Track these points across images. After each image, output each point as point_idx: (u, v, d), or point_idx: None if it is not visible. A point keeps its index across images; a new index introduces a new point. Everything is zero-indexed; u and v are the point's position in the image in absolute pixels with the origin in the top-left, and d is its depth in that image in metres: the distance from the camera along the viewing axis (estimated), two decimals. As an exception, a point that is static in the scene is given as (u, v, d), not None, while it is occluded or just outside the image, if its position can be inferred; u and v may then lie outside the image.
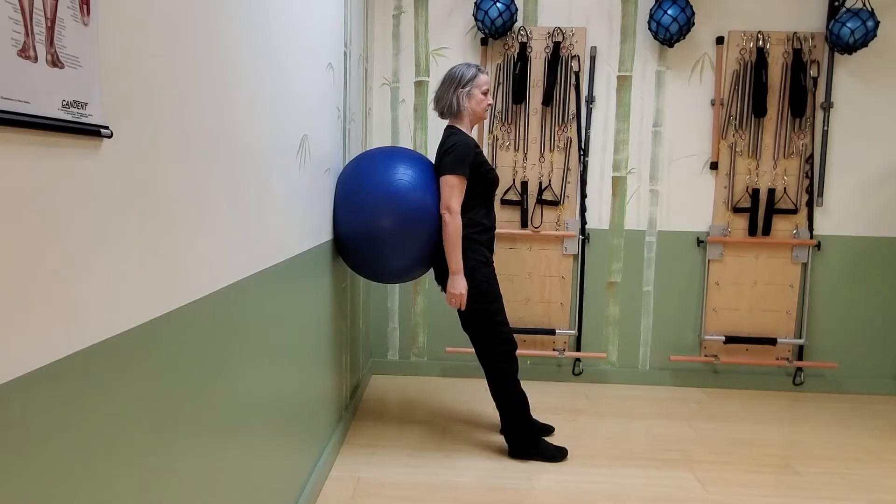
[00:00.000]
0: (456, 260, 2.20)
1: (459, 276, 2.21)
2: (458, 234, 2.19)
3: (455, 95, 2.31)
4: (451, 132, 2.30)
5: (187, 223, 1.07)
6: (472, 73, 2.30)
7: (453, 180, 2.20)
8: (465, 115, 2.32)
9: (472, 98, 2.30)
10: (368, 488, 2.11)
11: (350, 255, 2.27)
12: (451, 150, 2.22)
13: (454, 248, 2.19)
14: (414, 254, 2.23)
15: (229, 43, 1.23)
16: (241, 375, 1.34)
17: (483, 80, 2.32)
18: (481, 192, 2.31)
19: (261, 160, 1.44)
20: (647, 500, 2.07)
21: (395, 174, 2.20)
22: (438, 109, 2.37)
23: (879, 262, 3.18)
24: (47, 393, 0.73)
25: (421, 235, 2.21)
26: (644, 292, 3.26)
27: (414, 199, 2.18)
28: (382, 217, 2.16)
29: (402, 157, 2.28)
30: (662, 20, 2.90)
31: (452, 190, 2.20)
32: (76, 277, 0.78)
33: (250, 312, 1.39)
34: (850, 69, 3.08)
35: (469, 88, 2.30)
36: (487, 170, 2.29)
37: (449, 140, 2.26)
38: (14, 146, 0.67)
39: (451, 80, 2.32)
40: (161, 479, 1.00)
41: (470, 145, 2.24)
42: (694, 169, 3.18)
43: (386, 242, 2.18)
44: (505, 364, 2.32)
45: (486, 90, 2.33)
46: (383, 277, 2.33)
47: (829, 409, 3.01)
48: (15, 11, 0.65)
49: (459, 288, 2.21)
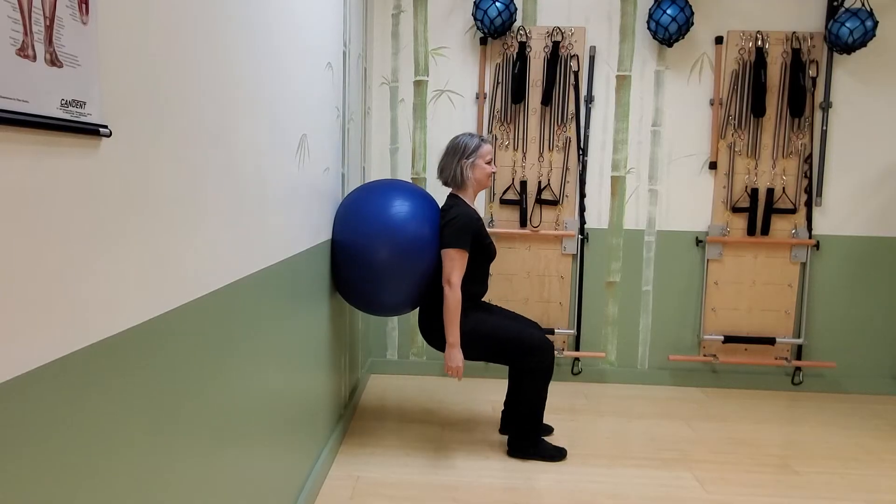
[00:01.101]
0: (453, 332, 2.23)
1: (456, 349, 2.24)
2: (458, 308, 2.22)
3: (459, 166, 2.34)
4: (453, 203, 2.33)
5: (186, 222, 1.07)
6: (476, 143, 2.34)
7: (455, 254, 2.22)
8: (470, 185, 2.36)
9: (476, 168, 2.34)
10: (367, 488, 2.11)
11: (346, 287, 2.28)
12: (453, 222, 2.24)
13: (453, 322, 2.22)
14: (406, 288, 2.23)
15: (228, 42, 1.23)
16: (239, 375, 1.34)
17: (486, 150, 2.35)
18: (478, 263, 2.35)
19: (260, 159, 1.44)
20: (646, 499, 2.07)
21: (392, 209, 2.20)
22: (443, 179, 2.41)
23: (878, 261, 3.18)
24: (47, 392, 0.73)
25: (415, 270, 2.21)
26: (643, 292, 3.26)
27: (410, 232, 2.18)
28: (378, 249, 2.16)
29: (401, 191, 2.27)
30: (661, 20, 2.91)
31: (454, 263, 2.22)
32: (75, 276, 0.78)
33: (249, 312, 1.39)
34: (849, 69, 3.08)
35: (473, 159, 2.34)
36: (487, 243, 2.34)
37: (451, 212, 2.28)
38: (13, 145, 0.67)
39: (455, 151, 2.36)
40: (160, 479, 1.00)
41: (473, 218, 2.28)
42: (693, 169, 3.18)
43: (381, 274, 2.18)
44: (533, 363, 2.31)
45: (490, 159, 2.37)
46: (377, 310, 2.33)
47: (828, 408, 3.01)
48: (14, 10, 0.65)
49: (457, 361, 2.24)
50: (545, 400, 2.35)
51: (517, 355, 2.32)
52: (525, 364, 2.31)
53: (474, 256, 2.30)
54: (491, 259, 2.40)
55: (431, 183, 3.20)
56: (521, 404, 2.34)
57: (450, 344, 2.24)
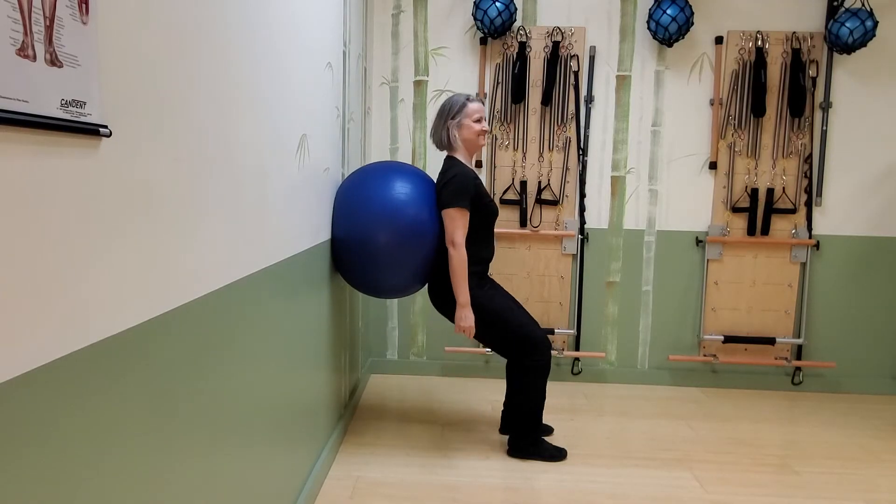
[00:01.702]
0: (463, 292, 2.21)
1: (468, 308, 2.22)
2: (465, 267, 2.20)
3: (445, 127, 2.32)
4: (449, 164, 2.31)
5: (186, 222, 1.07)
6: (461, 102, 2.30)
7: (455, 213, 2.21)
8: (458, 146, 2.33)
9: (463, 128, 2.30)
10: (367, 488, 2.11)
11: (348, 270, 2.27)
12: (450, 182, 2.22)
13: (461, 281, 2.20)
14: (409, 270, 2.23)
15: (228, 42, 1.23)
16: (239, 375, 1.34)
17: (473, 109, 2.30)
18: (481, 224, 2.32)
19: (260, 159, 1.44)
20: (646, 499, 2.07)
21: (393, 189, 2.20)
22: (434, 143, 2.39)
23: (878, 262, 3.18)
24: (47, 392, 0.73)
25: (417, 251, 2.21)
26: (643, 292, 3.26)
27: (411, 214, 2.18)
28: (379, 232, 2.16)
29: (401, 172, 2.28)
30: (661, 20, 2.91)
31: (455, 223, 2.20)
32: (75, 276, 0.78)
33: (249, 312, 1.39)
34: (849, 69, 3.08)
35: (458, 119, 2.30)
36: (487, 202, 2.30)
37: (448, 172, 2.26)
38: (13, 145, 0.67)
39: (441, 113, 2.34)
40: (160, 479, 1.00)
41: (469, 177, 2.25)
42: (693, 169, 3.18)
43: (382, 257, 2.18)
44: (532, 361, 2.31)
45: (479, 117, 2.31)
46: (380, 292, 2.33)
47: (828, 408, 3.01)
48: (14, 10, 0.65)
49: (468, 320, 2.22)
50: (544, 398, 2.35)
51: (520, 349, 2.30)
52: (526, 360, 2.31)
53: (476, 217, 2.27)
54: (492, 219, 2.35)
55: (431, 183, 3.20)
56: (521, 403, 2.34)
57: (460, 304, 2.22)
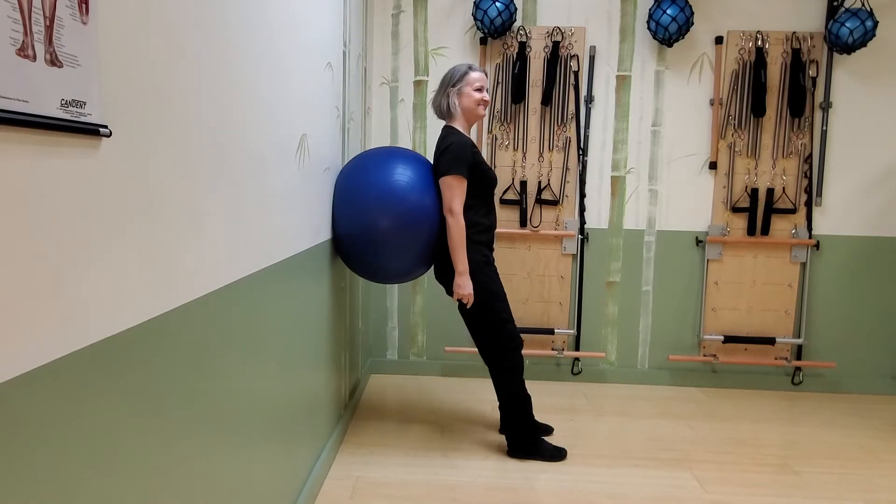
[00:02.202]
0: (461, 260, 2.20)
1: (466, 276, 2.21)
2: (462, 235, 2.19)
3: (445, 95, 2.31)
4: (447, 132, 2.30)
5: (186, 222, 1.07)
6: (463, 70, 2.29)
7: (452, 181, 2.20)
8: (458, 114, 2.31)
9: (463, 96, 2.29)
10: (367, 488, 2.11)
11: (348, 254, 2.27)
12: (447, 150, 2.21)
13: (459, 249, 2.19)
14: (412, 254, 2.23)
15: (228, 42, 1.23)
16: (239, 375, 1.34)
17: (474, 78, 2.28)
18: (480, 192, 2.30)
19: (259, 159, 1.44)
20: (645, 499, 2.07)
21: (393, 174, 2.20)
22: (434, 111, 2.38)
23: (878, 262, 3.18)
24: (46, 392, 0.73)
25: (419, 236, 2.21)
26: (643, 292, 3.26)
27: (412, 198, 2.18)
28: (381, 216, 2.16)
29: (401, 157, 2.28)
30: (661, 20, 2.91)
31: (453, 191, 2.20)
32: (75, 276, 0.78)
33: (249, 312, 1.39)
34: (849, 69, 3.08)
35: (460, 86, 2.29)
36: (485, 169, 2.28)
37: (445, 140, 2.25)
38: (12, 145, 0.67)
39: (443, 81, 2.33)
40: (160, 479, 1.00)
41: (466, 144, 2.23)
42: (693, 169, 3.18)
43: (385, 242, 2.18)
44: (511, 362, 2.32)
45: (480, 86, 2.29)
46: (382, 277, 2.33)
47: (828, 408, 3.01)
48: (14, 10, 0.65)
49: (467, 287, 2.21)
50: (525, 393, 2.34)
51: (502, 345, 2.30)
52: (503, 359, 2.31)
53: (474, 185, 2.26)
54: (492, 186, 2.33)
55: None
56: (509, 404, 2.34)
57: (459, 272, 2.21)
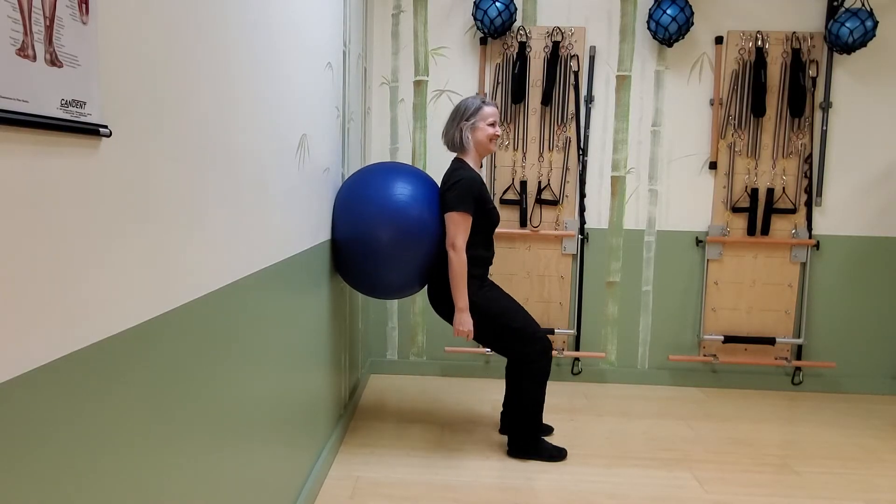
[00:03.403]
0: (462, 297, 2.21)
1: (466, 312, 2.22)
2: (464, 271, 2.20)
3: (458, 129, 2.32)
4: (457, 166, 2.30)
5: (186, 222, 1.07)
6: (477, 104, 2.30)
7: (458, 217, 2.20)
8: (470, 148, 2.32)
9: (477, 130, 2.30)
10: (367, 488, 2.11)
11: (348, 270, 2.27)
12: (456, 185, 2.22)
13: (460, 286, 2.20)
14: (411, 268, 2.23)
15: (228, 42, 1.23)
16: (239, 375, 1.34)
17: (488, 112, 2.30)
18: (482, 230, 2.31)
19: (260, 159, 1.44)
20: (645, 499, 2.07)
21: (394, 189, 2.20)
22: (446, 143, 2.39)
23: (878, 262, 3.18)
24: (47, 392, 0.73)
25: (419, 250, 2.21)
26: (643, 292, 3.26)
27: (412, 214, 2.18)
28: (381, 232, 2.16)
29: (402, 173, 2.28)
30: (661, 20, 2.91)
31: (457, 227, 2.20)
32: (75, 276, 0.78)
33: (249, 312, 1.39)
34: (849, 69, 3.08)
35: (473, 121, 2.30)
36: (490, 208, 2.30)
37: (455, 174, 2.25)
38: (12, 145, 0.67)
39: (456, 114, 2.33)
40: (160, 479, 1.00)
41: (476, 181, 2.25)
42: (693, 169, 3.18)
43: (384, 256, 2.18)
44: (542, 363, 2.31)
45: (493, 121, 2.31)
46: (381, 292, 2.33)
47: (828, 408, 3.01)
48: (14, 10, 0.65)
49: (467, 325, 2.22)
50: (544, 399, 2.35)
51: (520, 349, 2.30)
52: (527, 360, 2.30)
53: (477, 222, 2.27)
54: (494, 225, 2.35)
55: (431, 183, 3.20)
56: (522, 405, 2.34)
57: (459, 308, 2.22)
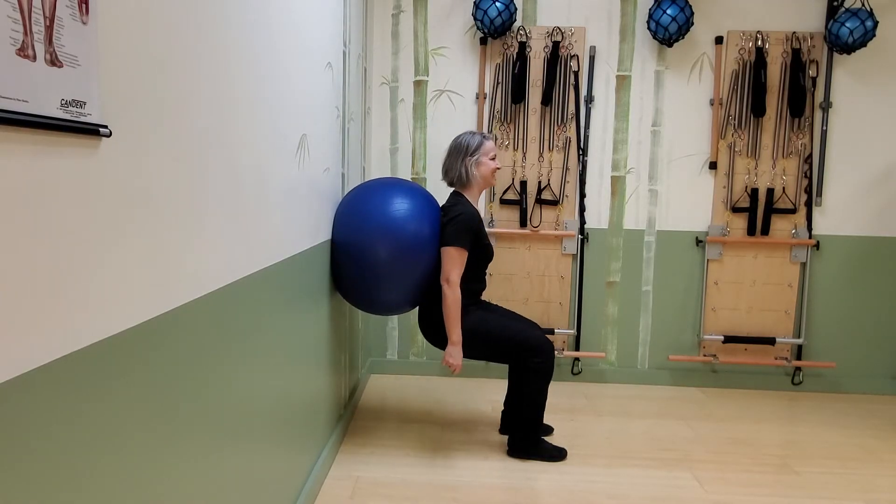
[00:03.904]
0: (455, 332, 2.24)
1: (458, 347, 2.25)
2: (458, 307, 2.22)
3: (464, 165, 2.35)
4: (456, 201, 2.33)
5: (186, 222, 1.07)
6: (479, 141, 2.35)
7: (454, 252, 2.22)
8: (475, 183, 2.36)
9: (482, 166, 2.35)
10: (367, 488, 2.11)
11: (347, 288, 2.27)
12: (455, 221, 2.24)
13: (454, 321, 2.23)
14: (409, 285, 2.23)
15: (228, 42, 1.23)
16: (239, 374, 1.34)
17: (489, 147, 2.36)
18: (477, 265, 2.35)
19: (260, 159, 1.44)
20: (645, 499, 2.07)
21: (392, 206, 2.20)
22: (448, 180, 2.41)
23: (878, 262, 3.18)
24: (46, 392, 0.73)
25: (417, 267, 2.20)
26: (643, 292, 3.26)
27: (411, 229, 2.18)
28: (378, 245, 2.15)
29: (401, 189, 2.27)
30: (661, 20, 2.91)
31: (453, 262, 2.22)
32: (75, 276, 0.78)
33: (249, 312, 1.39)
34: (849, 69, 3.08)
35: (477, 157, 2.34)
36: (486, 244, 2.35)
37: (454, 209, 2.28)
38: (12, 145, 0.67)
39: (459, 150, 2.36)
40: (160, 479, 1.00)
41: (475, 218, 2.29)
42: (693, 169, 3.18)
43: (380, 272, 2.17)
44: (546, 365, 2.32)
45: (494, 155, 2.38)
46: (379, 309, 2.33)
47: (828, 408, 3.01)
48: (14, 10, 0.65)
49: (457, 359, 2.25)
50: (546, 400, 2.35)
51: (520, 354, 2.31)
52: (528, 363, 2.31)
53: (472, 257, 2.30)
54: (488, 261, 2.41)
55: (432, 183, 3.20)
56: (523, 406, 2.34)
57: (452, 343, 2.25)
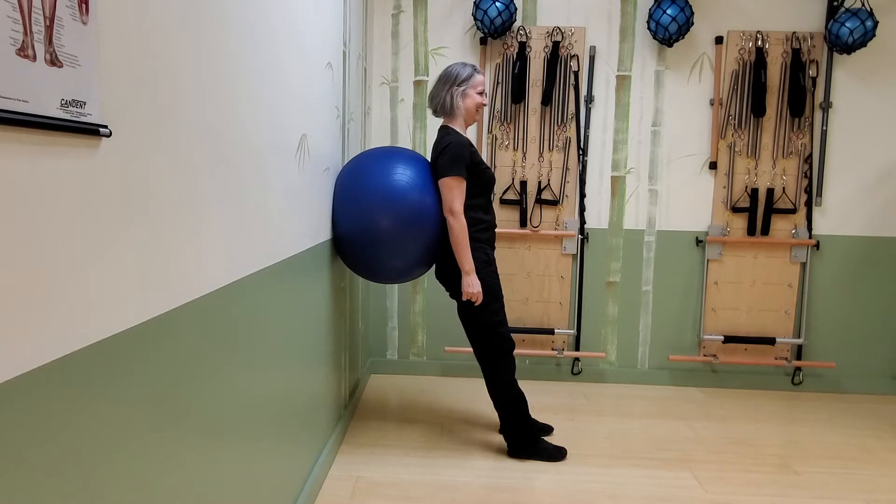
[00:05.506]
0: (467, 259, 2.20)
1: (473, 275, 2.21)
2: (465, 234, 2.20)
3: (449, 93, 2.30)
4: (445, 133, 2.30)
5: (186, 222, 1.07)
6: (468, 72, 2.30)
7: (452, 182, 2.20)
8: (459, 114, 2.31)
9: (467, 97, 2.30)
10: (367, 488, 2.11)
11: (348, 254, 2.27)
12: (445, 151, 2.21)
13: (463, 249, 2.19)
14: (413, 254, 2.23)
15: (228, 42, 1.23)
16: (240, 374, 1.34)
17: (479, 81, 2.31)
18: (479, 191, 2.30)
19: (260, 159, 1.44)
20: (645, 499, 2.07)
21: (393, 173, 2.20)
22: (432, 107, 2.37)
23: (878, 262, 3.18)
24: (47, 392, 0.73)
25: (420, 236, 2.21)
26: (643, 292, 3.26)
27: (413, 198, 2.18)
28: (381, 216, 2.16)
29: (401, 156, 2.28)
30: (661, 20, 2.91)
31: (452, 192, 2.20)
32: (75, 277, 0.78)
33: (250, 312, 1.39)
34: (849, 69, 3.08)
35: (464, 88, 2.29)
36: (483, 168, 2.29)
37: (443, 141, 2.25)
38: (12, 145, 0.67)
39: (447, 79, 2.32)
40: (160, 478, 1.00)
41: (464, 145, 2.24)
42: (693, 169, 3.18)
43: (385, 242, 2.18)
44: (503, 363, 2.32)
45: (482, 90, 2.33)
46: (382, 277, 2.33)
47: (828, 408, 3.01)
48: (14, 10, 0.65)
49: (475, 286, 2.21)
50: (520, 394, 2.34)
51: (496, 340, 2.30)
52: (499, 364, 2.31)
53: (473, 185, 2.27)
54: (489, 186, 2.34)
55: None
56: (505, 404, 2.34)
57: (465, 272, 2.21)
